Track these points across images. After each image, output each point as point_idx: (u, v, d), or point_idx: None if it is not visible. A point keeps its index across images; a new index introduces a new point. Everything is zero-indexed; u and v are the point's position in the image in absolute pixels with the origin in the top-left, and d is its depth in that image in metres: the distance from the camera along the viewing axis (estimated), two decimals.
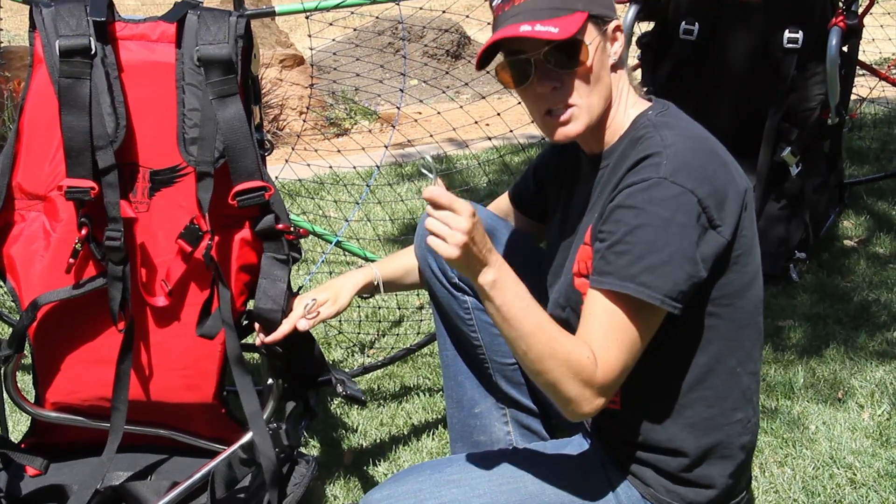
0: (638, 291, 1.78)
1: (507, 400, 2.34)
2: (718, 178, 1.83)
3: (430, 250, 2.27)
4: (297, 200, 4.59)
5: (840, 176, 4.06)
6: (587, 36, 1.89)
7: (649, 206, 1.78)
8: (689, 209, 1.78)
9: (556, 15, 1.87)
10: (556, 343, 1.80)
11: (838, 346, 3.22)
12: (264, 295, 2.24)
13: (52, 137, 2.25)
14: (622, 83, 1.97)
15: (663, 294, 1.78)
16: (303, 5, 2.62)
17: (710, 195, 1.80)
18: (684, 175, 1.79)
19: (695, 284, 1.81)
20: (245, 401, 2.26)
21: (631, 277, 1.78)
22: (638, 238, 1.79)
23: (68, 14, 2.21)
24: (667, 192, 1.78)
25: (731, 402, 1.95)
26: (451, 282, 2.28)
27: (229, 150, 2.21)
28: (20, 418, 2.74)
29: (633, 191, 1.80)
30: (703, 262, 1.81)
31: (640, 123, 1.92)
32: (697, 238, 1.79)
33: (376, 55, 6.61)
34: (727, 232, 1.83)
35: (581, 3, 1.89)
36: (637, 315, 1.80)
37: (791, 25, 3.52)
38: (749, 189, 1.90)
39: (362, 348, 3.35)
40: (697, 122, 1.95)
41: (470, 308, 2.28)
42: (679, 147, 1.82)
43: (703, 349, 1.91)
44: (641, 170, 1.82)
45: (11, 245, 2.31)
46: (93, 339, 2.34)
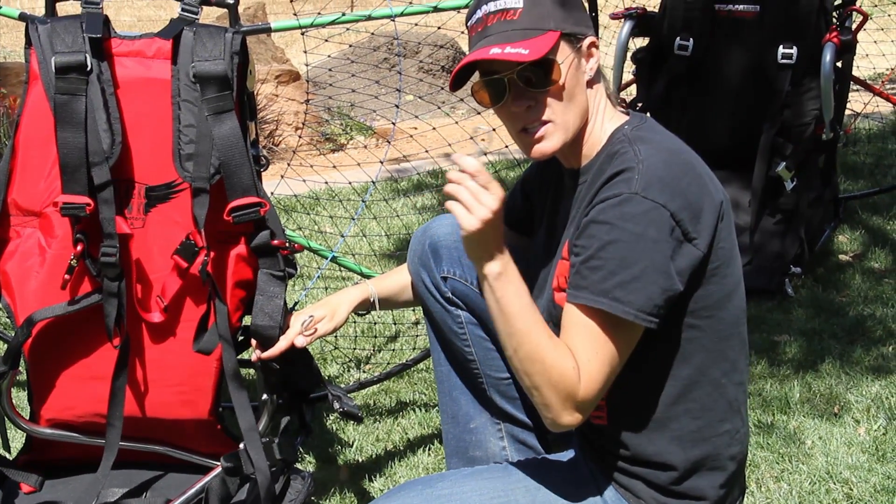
0: (611, 307, 1.79)
1: (501, 415, 2.34)
2: (692, 191, 1.83)
3: (424, 265, 2.28)
4: (293, 216, 4.59)
5: (835, 191, 4.07)
6: (560, 54, 1.89)
7: (621, 222, 1.79)
8: (660, 224, 1.79)
9: (527, 36, 1.88)
10: (545, 349, 1.81)
11: (834, 361, 3.22)
12: (261, 311, 2.24)
13: (48, 154, 2.25)
14: (599, 97, 1.97)
15: (636, 309, 1.79)
16: (298, 22, 2.62)
17: (684, 208, 1.80)
18: (656, 189, 1.79)
19: (670, 298, 1.82)
20: (241, 416, 2.26)
21: (604, 293, 1.79)
22: (610, 254, 1.80)
23: (64, 31, 2.22)
24: (638, 207, 1.79)
25: (718, 413, 1.95)
26: (445, 296, 2.28)
27: (225, 166, 2.21)
28: (15, 435, 2.74)
29: (606, 206, 1.81)
30: (679, 275, 1.81)
31: (616, 138, 1.93)
32: (671, 252, 1.80)
33: (372, 71, 6.62)
34: (703, 244, 1.83)
35: (552, 22, 1.90)
36: (613, 329, 1.81)
37: (785, 41, 3.54)
38: (725, 200, 1.90)
39: (358, 364, 3.35)
40: (676, 136, 1.95)
41: (463, 322, 2.28)
42: (652, 161, 1.83)
43: (686, 361, 1.91)
44: (614, 185, 1.83)
45: (7, 261, 2.30)
46: (88, 355, 2.34)
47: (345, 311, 2.27)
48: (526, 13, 1.90)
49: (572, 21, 1.92)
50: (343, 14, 2.67)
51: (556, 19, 1.90)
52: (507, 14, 1.91)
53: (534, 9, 1.90)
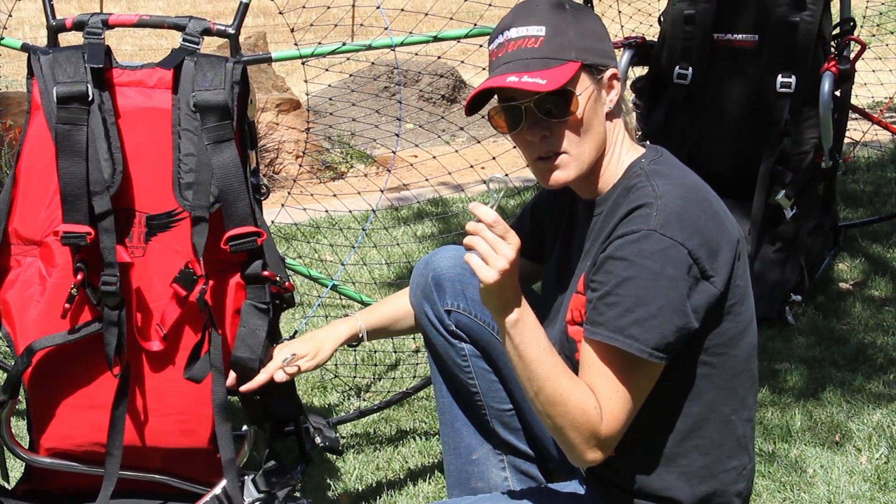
0: (627, 345, 1.79)
1: (504, 446, 2.33)
2: (710, 229, 1.83)
3: (427, 298, 2.27)
4: (294, 244, 4.60)
5: (834, 219, 4.07)
6: (579, 86, 1.89)
7: (639, 259, 1.79)
8: (678, 261, 1.79)
9: (546, 65, 1.88)
10: (566, 391, 1.81)
11: (835, 389, 3.22)
12: (242, 343, 2.25)
13: (49, 183, 2.25)
14: (617, 130, 1.97)
15: (651, 347, 1.79)
16: (299, 51, 2.63)
17: (702, 246, 1.80)
18: (675, 227, 1.79)
19: (684, 336, 1.81)
20: (222, 448, 2.28)
21: (620, 330, 1.79)
22: (627, 290, 1.79)
23: (66, 61, 2.23)
24: (656, 244, 1.78)
25: (727, 450, 1.94)
26: (448, 329, 2.27)
27: (223, 195, 2.22)
28: (14, 464, 2.73)
29: (624, 242, 1.81)
30: (695, 312, 1.81)
31: (633, 172, 1.92)
32: (688, 289, 1.80)
33: (372, 99, 6.65)
34: (720, 282, 1.83)
35: (574, 52, 1.89)
36: (631, 367, 1.81)
37: (784, 70, 3.55)
38: (742, 238, 1.90)
39: (358, 392, 3.34)
40: (690, 169, 1.95)
41: (467, 355, 2.28)
42: (670, 198, 1.83)
43: (697, 398, 1.91)
44: (632, 221, 1.82)
45: (7, 290, 2.31)
46: (88, 384, 2.33)
47: (329, 348, 2.27)
48: (547, 42, 1.89)
49: (594, 52, 1.91)
50: (344, 43, 2.68)
51: (577, 50, 1.89)
52: (528, 41, 1.90)
53: (555, 38, 1.89)
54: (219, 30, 2.38)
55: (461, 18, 3.16)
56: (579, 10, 1.93)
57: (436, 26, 3.18)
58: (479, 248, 1.79)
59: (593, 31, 1.93)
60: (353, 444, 3.01)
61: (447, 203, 5.15)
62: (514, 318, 1.82)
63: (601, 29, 1.95)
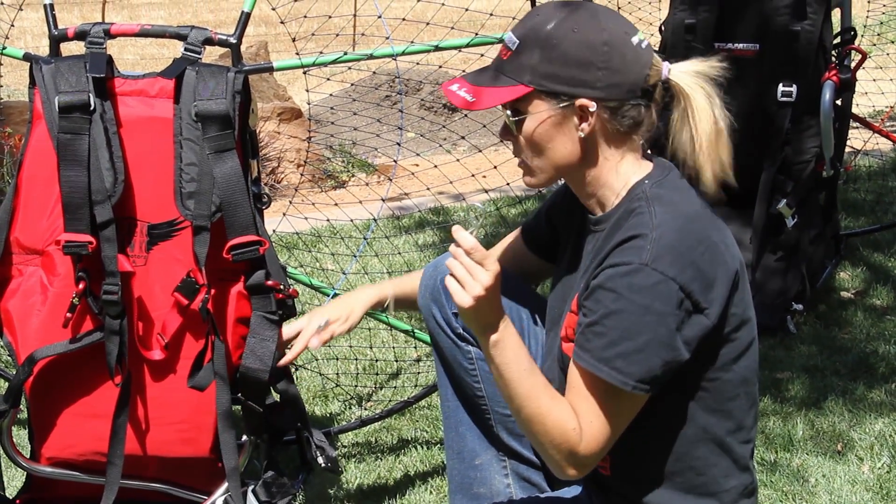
0: (610, 376, 1.79)
1: (508, 451, 2.33)
2: (705, 261, 1.80)
3: (435, 301, 2.28)
4: (295, 253, 4.60)
5: (836, 228, 4.07)
6: (532, 108, 1.87)
7: (628, 293, 1.78)
8: (668, 297, 1.77)
9: (496, 81, 1.88)
10: (547, 411, 1.83)
11: (837, 399, 3.21)
12: (252, 353, 2.26)
13: (51, 192, 2.26)
14: (617, 152, 1.92)
15: (635, 380, 1.79)
16: (301, 61, 2.64)
17: (695, 279, 1.78)
18: (667, 261, 1.77)
19: (672, 368, 1.81)
20: (226, 457, 2.29)
21: (605, 360, 1.79)
22: (614, 323, 1.79)
23: (68, 70, 2.24)
24: (646, 279, 1.77)
25: (722, 469, 1.94)
26: (456, 332, 2.28)
27: (225, 205, 2.22)
28: (15, 473, 2.73)
29: (615, 274, 1.80)
30: (687, 344, 1.80)
31: (635, 193, 1.89)
32: (679, 323, 1.78)
33: (373, 109, 6.65)
34: (714, 314, 1.81)
35: (529, 76, 1.86)
36: (613, 395, 1.81)
37: (785, 79, 3.55)
38: (741, 266, 1.88)
39: (359, 401, 3.34)
40: (694, 191, 1.92)
41: (474, 358, 2.28)
42: (666, 229, 1.80)
43: (688, 420, 1.90)
44: (625, 251, 1.81)
45: (9, 299, 2.31)
46: (89, 393, 2.33)
47: (360, 311, 2.29)
48: (512, 58, 1.89)
49: (560, 80, 1.86)
50: (345, 53, 2.68)
51: (535, 74, 1.86)
52: (504, 50, 1.91)
53: (520, 56, 1.88)
54: (220, 39, 2.38)
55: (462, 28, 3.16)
56: (569, 30, 1.86)
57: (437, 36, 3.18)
58: (456, 272, 1.82)
59: (570, 58, 1.85)
60: (354, 454, 3.00)
61: (448, 212, 5.15)
62: (494, 340, 1.84)
63: (589, 56, 1.85)
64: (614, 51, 1.84)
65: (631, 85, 1.86)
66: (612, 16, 1.91)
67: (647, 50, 1.89)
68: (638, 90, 1.88)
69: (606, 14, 1.90)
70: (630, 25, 1.90)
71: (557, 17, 1.87)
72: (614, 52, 1.85)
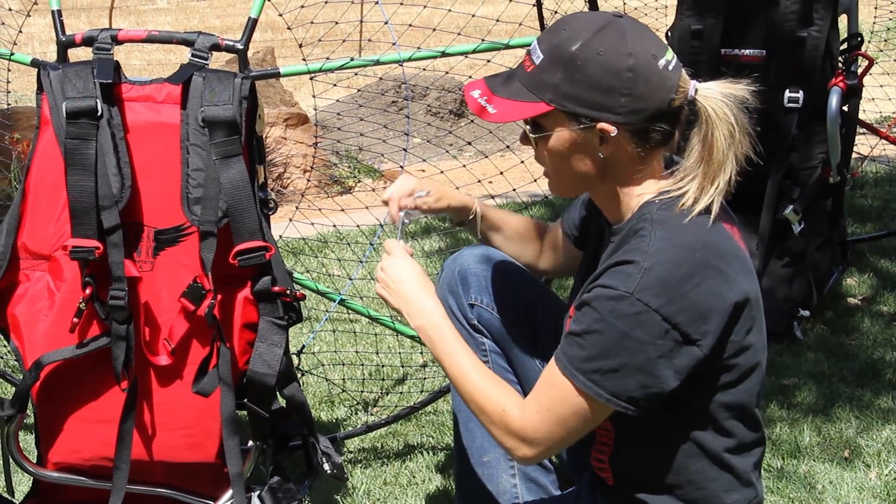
0: (584, 385, 1.81)
1: None
2: (697, 293, 1.78)
3: (452, 292, 2.31)
4: (301, 258, 4.60)
5: (843, 234, 4.06)
6: (555, 126, 1.86)
7: (609, 317, 1.78)
8: (649, 327, 1.76)
9: (517, 94, 1.87)
10: (477, 391, 1.94)
11: (844, 405, 3.21)
12: (260, 358, 2.26)
13: (58, 198, 2.26)
14: (637, 170, 1.89)
15: (609, 394, 1.80)
16: (307, 66, 2.64)
17: (683, 311, 1.77)
18: (652, 292, 1.76)
19: (654, 394, 1.80)
20: (230, 462, 2.29)
21: (581, 370, 1.81)
22: (594, 341, 1.80)
23: (75, 76, 2.24)
24: (629, 308, 1.77)
25: (723, 484, 1.93)
26: (471, 323, 2.31)
27: (231, 210, 2.23)
28: (22, 478, 2.73)
29: (602, 295, 1.80)
30: (677, 373, 1.80)
31: (643, 213, 1.87)
32: (665, 352, 1.78)
33: (380, 114, 6.66)
34: (707, 345, 1.80)
35: (550, 94, 1.84)
36: (579, 400, 1.83)
37: (791, 85, 3.55)
38: (750, 295, 1.85)
39: (366, 406, 3.34)
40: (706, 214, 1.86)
41: (487, 350, 2.30)
42: (661, 258, 1.78)
43: (683, 437, 1.90)
44: (616, 274, 1.80)
45: (16, 304, 2.31)
46: (96, 398, 2.34)
47: (448, 202, 2.31)
48: (535, 73, 1.86)
49: (581, 102, 1.83)
50: (352, 59, 2.69)
51: (556, 94, 1.83)
52: (527, 61, 1.88)
53: (543, 73, 1.85)
54: (227, 45, 2.38)
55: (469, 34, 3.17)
56: (595, 52, 1.82)
57: (443, 41, 3.19)
58: (378, 275, 2.08)
59: (594, 82, 1.82)
60: (360, 459, 3.00)
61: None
62: (416, 325, 2.03)
63: (612, 81, 1.81)
64: (639, 77, 1.80)
65: (654, 110, 1.83)
66: (640, 35, 1.84)
67: (675, 71, 1.85)
68: (662, 115, 1.85)
69: (635, 33, 1.83)
70: (659, 45, 1.84)
71: (584, 37, 1.82)
72: (639, 78, 1.80)
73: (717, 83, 1.89)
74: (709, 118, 1.86)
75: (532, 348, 2.30)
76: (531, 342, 2.30)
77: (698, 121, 1.87)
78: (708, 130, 1.86)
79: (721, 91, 1.87)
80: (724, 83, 1.88)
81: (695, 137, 1.88)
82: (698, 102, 1.86)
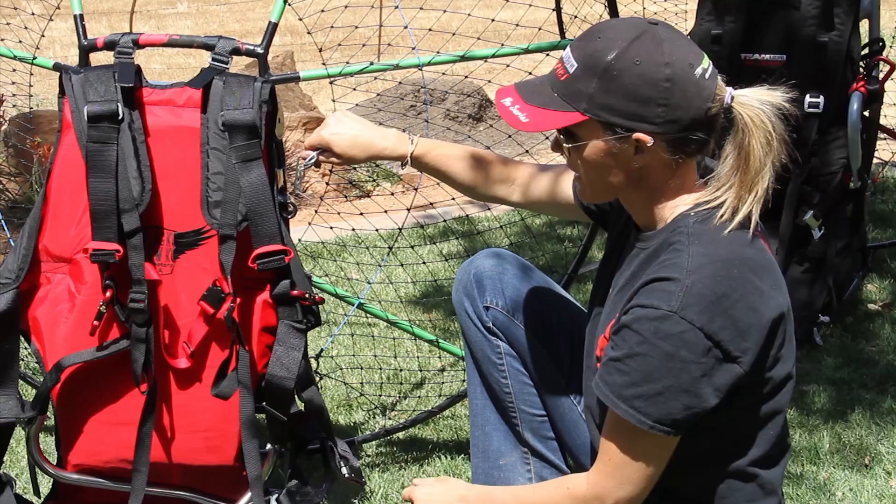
0: (627, 414, 1.79)
1: (533, 452, 2.34)
2: (738, 309, 1.76)
3: (468, 295, 2.30)
4: (320, 262, 4.61)
5: (863, 239, 4.04)
6: (590, 135, 1.82)
7: (653, 338, 1.75)
8: (694, 346, 1.74)
9: (550, 103, 1.83)
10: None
11: (864, 411, 3.19)
12: (278, 362, 2.27)
13: (79, 201, 2.27)
14: (672, 179, 1.87)
15: (653, 420, 1.78)
16: (327, 71, 2.65)
17: (724, 328, 1.75)
18: (696, 310, 1.74)
19: (696, 414, 1.78)
20: (249, 465, 2.30)
21: (624, 398, 1.79)
22: (636, 365, 1.77)
23: (97, 80, 2.25)
24: (674, 327, 1.74)
25: (746, 494, 1.92)
26: (486, 325, 2.30)
27: (251, 214, 2.23)
28: (42, 480, 2.74)
29: (643, 316, 1.77)
30: (717, 391, 1.77)
31: (678, 226, 1.85)
32: (706, 371, 1.76)
33: (399, 118, 6.66)
34: (747, 362, 1.78)
35: (585, 104, 1.80)
36: (632, 433, 1.81)
37: (812, 90, 3.54)
38: (783, 311, 1.83)
39: (384, 410, 3.34)
40: (741, 228, 1.85)
41: (502, 353, 2.30)
42: (701, 275, 1.76)
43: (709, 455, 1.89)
44: (655, 293, 1.77)
45: (37, 307, 2.32)
46: (115, 400, 2.35)
47: (361, 155, 2.33)
48: (569, 82, 1.82)
49: (616, 112, 1.79)
50: (371, 63, 2.69)
51: (591, 103, 1.80)
52: (561, 69, 1.84)
53: (577, 82, 1.81)
54: (248, 49, 2.39)
55: (488, 38, 3.16)
56: (632, 62, 1.79)
57: (463, 46, 3.19)
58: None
59: (630, 92, 1.79)
60: (377, 463, 3.00)
61: (473, 221, 5.15)
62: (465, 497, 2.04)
63: (647, 93, 1.78)
64: (676, 87, 1.77)
65: (691, 120, 1.80)
66: (677, 43, 1.81)
67: (711, 80, 1.82)
68: (698, 123, 1.82)
69: (672, 42, 1.80)
70: (696, 53, 1.81)
71: (620, 46, 1.79)
72: (676, 88, 1.78)
73: (753, 90, 1.86)
74: (745, 126, 1.83)
75: (548, 350, 2.30)
76: (547, 344, 2.30)
77: (734, 128, 1.84)
78: (745, 138, 1.83)
79: (758, 98, 1.85)
80: (761, 90, 1.86)
81: (729, 145, 1.85)
82: (735, 110, 1.84)
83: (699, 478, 1.91)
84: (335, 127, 2.32)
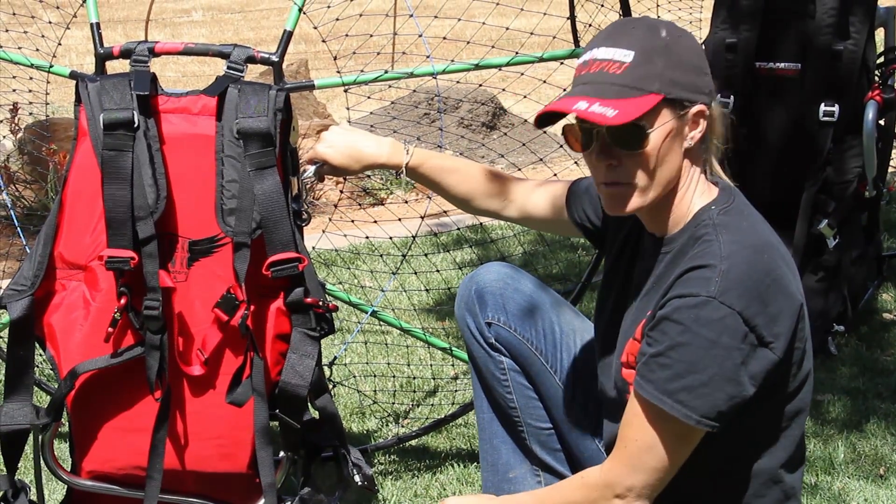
0: (673, 409, 1.78)
1: (541, 465, 2.33)
2: (771, 294, 1.77)
3: (469, 311, 2.30)
4: (334, 270, 4.62)
5: (878, 248, 4.03)
6: (659, 120, 1.82)
7: (695, 326, 1.75)
8: (735, 331, 1.74)
9: (624, 94, 1.80)
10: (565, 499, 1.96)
11: (879, 421, 3.17)
12: (292, 369, 2.27)
13: (95, 208, 2.28)
14: (694, 170, 1.89)
15: (699, 415, 1.77)
16: (342, 79, 2.65)
17: (760, 313, 1.76)
18: (734, 295, 1.75)
19: (737, 404, 1.78)
20: (262, 472, 2.30)
21: (669, 393, 1.78)
22: (680, 356, 1.77)
23: (113, 88, 2.26)
24: (714, 312, 1.74)
25: (770, 499, 1.92)
26: (489, 342, 2.30)
27: (265, 222, 2.24)
28: (56, 486, 2.75)
29: (682, 305, 1.77)
30: (752, 379, 1.77)
31: (702, 220, 1.86)
32: (745, 357, 1.76)
33: (413, 126, 6.67)
34: (779, 349, 1.79)
35: (658, 83, 1.81)
36: (674, 428, 1.80)
37: (827, 99, 3.53)
38: (802, 299, 1.85)
39: (396, 418, 3.34)
40: (761, 218, 1.88)
41: (506, 369, 2.29)
42: (735, 261, 1.77)
43: (739, 460, 1.89)
44: (693, 282, 1.78)
45: (52, 314, 2.33)
46: (129, 407, 2.35)
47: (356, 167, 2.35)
48: (632, 69, 1.81)
49: (682, 86, 1.82)
50: (385, 71, 2.70)
51: (663, 82, 1.81)
52: (612, 65, 1.83)
53: (642, 66, 1.81)
54: (262, 57, 2.40)
55: (502, 46, 3.17)
56: (678, 36, 1.84)
57: (477, 54, 3.19)
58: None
59: (687, 63, 1.83)
60: (390, 471, 3.00)
61: (487, 229, 5.15)
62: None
63: (698, 62, 1.85)
64: (707, 53, 1.87)
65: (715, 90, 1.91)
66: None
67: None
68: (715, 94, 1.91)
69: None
70: None
71: (661, 25, 1.85)
72: (707, 54, 1.88)
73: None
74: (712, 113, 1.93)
75: (551, 365, 2.29)
76: (550, 359, 2.29)
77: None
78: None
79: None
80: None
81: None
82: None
83: (724, 484, 1.90)
84: (329, 140, 2.34)
